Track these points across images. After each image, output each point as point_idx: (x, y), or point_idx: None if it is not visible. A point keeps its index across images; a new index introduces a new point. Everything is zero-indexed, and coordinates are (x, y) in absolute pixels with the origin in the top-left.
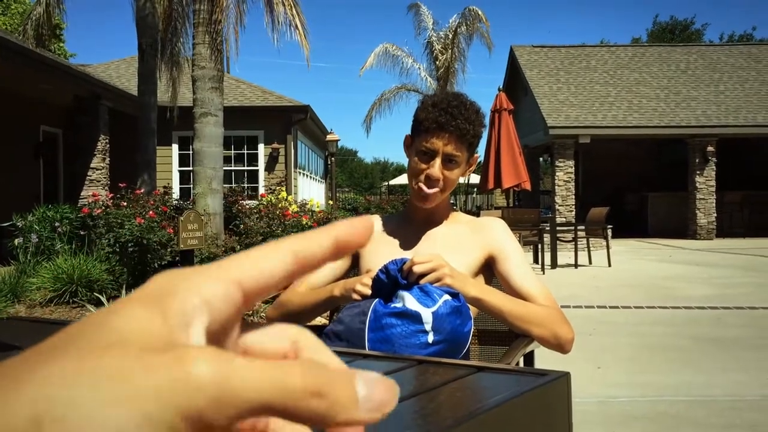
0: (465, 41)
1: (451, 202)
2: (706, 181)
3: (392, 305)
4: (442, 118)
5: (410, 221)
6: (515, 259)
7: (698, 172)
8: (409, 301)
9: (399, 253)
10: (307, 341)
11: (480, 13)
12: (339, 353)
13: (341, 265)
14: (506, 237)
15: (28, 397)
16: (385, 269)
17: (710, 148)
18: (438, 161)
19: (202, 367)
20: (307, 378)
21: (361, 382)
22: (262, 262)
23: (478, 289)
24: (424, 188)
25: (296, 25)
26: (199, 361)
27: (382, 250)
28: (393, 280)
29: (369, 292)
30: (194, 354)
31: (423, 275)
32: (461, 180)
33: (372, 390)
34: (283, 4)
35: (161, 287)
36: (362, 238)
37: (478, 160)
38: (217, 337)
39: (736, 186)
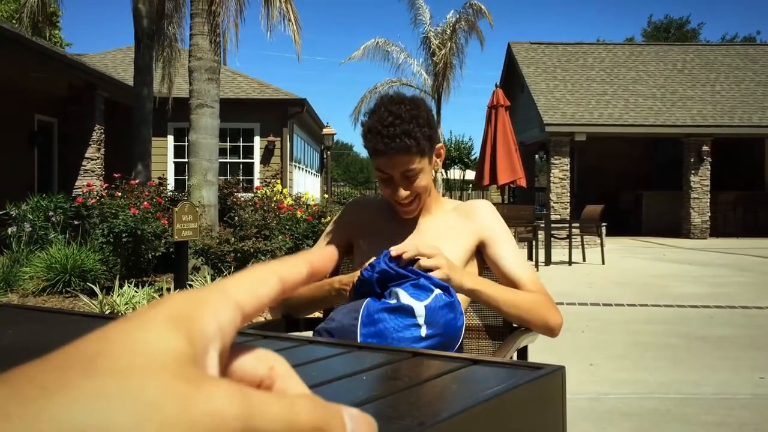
0: (464, 37)
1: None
2: (700, 181)
3: (385, 301)
4: (381, 145)
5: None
6: (505, 244)
7: (693, 171)
8: (402, 296)
9: (389, 243)
10: (282, 368)
11: (483, 7)
12: (334, 344)
13: (336, 252)
14: (495, 220)
15: (67, 416)
16: (371, 267)
17: (705, 148)
18: (398, 183)
19: (229, 403)
20: (312, 414)
21: (347, 417)
22: (258, 288)
23: (473, 281)
24: (401, 207)
25: (290, 20)
26: (227, 397)
27: (373, 240)
28: (382, 274)
29: (349, 285)
30: (223, 390)
31: (413, 261)
32: (457, 176)
33: (356, 425)
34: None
35: (185, 309)
36: (330, 266)
37: (474, 157)
38: (220, 358)
39: (731, 186)
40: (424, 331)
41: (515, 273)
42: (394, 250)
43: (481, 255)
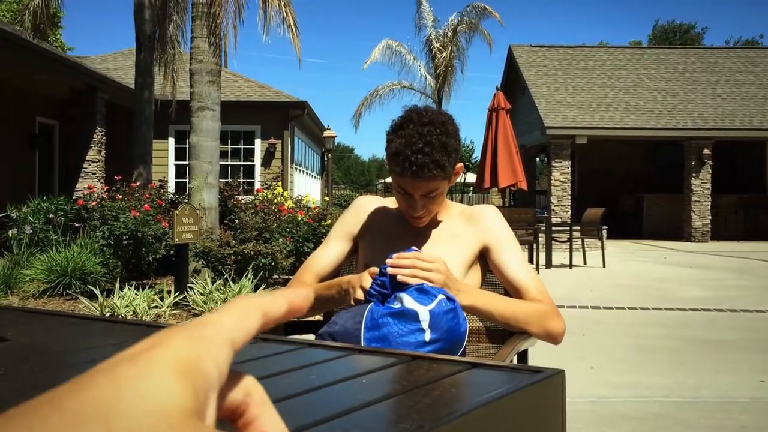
0: (465, 39)
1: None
2: (701, 184)
3: (390, 305)
4: (408, 172)
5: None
6: (509, 250)
7: (694, 174)
8: (406, 300)
9: (394, 245)
10: (257, 395)
11: (487, 7)
12: (334, 348)
13: (343, 251)
14: (500, 226)
15: None
16: (376, 286)
17: (706, 151)
18: (417, 200)
19: None
20: None
21: None
22: (246, 323)
23: (471, 297)
24: (413, 219)
25: (289, 25)
26: None
27: (377, 242)
28: (386, 285)
29: (362, 297)
30: None
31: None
32: (457, 179)
33: None
34: (278, 1)
35: (189, 354)
36: (305, 307)
37: (475, 160)
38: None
39: (731, 189)
40: (428, 336)
41: (519, 280)
42: (396, 257)
43: (485, 260)
